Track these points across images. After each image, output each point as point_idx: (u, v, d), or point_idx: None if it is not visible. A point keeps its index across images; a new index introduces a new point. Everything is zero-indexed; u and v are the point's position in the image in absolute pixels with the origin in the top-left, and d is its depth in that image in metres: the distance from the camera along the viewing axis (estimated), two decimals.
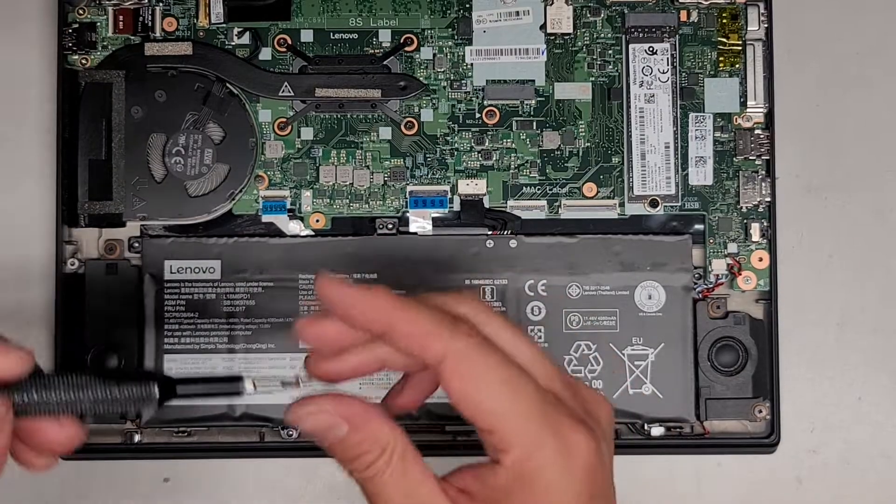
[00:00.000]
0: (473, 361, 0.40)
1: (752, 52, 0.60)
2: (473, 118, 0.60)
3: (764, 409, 0.59)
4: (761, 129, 0.59)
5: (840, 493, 0.61)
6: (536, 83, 0.60)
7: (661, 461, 0.60)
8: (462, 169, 0.59)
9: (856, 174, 0.61)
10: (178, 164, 0.59)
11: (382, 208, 0.59)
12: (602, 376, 0.58)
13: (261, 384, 0.42)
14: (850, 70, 0.62)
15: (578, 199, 0.59)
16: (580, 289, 0.59)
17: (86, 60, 0.59)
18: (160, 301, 0.58)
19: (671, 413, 0.58)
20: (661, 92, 0.60)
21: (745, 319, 0.59)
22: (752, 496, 0.61)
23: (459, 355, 0.39)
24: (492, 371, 0.40)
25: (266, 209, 0.59)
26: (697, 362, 0.59)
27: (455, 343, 0.39)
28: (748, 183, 0.59)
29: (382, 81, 0.59)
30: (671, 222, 0.59)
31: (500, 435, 0.40)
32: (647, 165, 0.59)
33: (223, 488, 0.60)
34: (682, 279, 0.59)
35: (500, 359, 0.40)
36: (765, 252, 0.59)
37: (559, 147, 0.60)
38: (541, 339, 0.58)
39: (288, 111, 0.59)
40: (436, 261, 0.58)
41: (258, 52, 0.59)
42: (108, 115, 0.59)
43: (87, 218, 0.59)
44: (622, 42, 0.60)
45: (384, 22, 0.60)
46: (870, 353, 0.61)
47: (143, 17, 0.59)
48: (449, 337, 0.40)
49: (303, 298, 0.58)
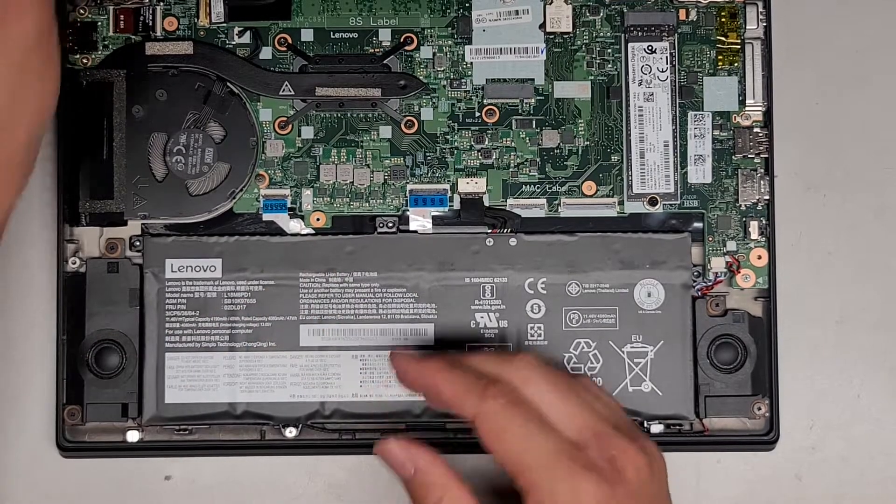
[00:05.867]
0: (499, 420, 0.48)
1: (750, 50, 0.60)
2: (473, 117, 0.60)
3: (763, 406, 0.59)
4: (760, 127, 0.60)
5: (839, 491, 0.61)
6: (536, 82, 0.60)
7: None
8: (462, 167, 0.60)
9: (855, 172, 0.62)
10: (178, 163, 0.59)
11: (383, 207, 0.59)
12: (601, 374, 0.58)
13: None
14: (849, 68, 0.62)
15: (578, 197, 0.60)
16: (580, 287, 0.59)
17: (87, 60, 0.59)
18: (161, 299, 0.58)
19: (670, 410, 0.58)
20: (661, 90, 0.60)
21: (745, 317, 0.59)
22: (751, 493, 0.61)
23: (487, 415, 0.48)
24: (514, 428, 0.48)
25: (267, 208, 0.59)
26: (697, 360, 0.59)
27: (483, 405, 0.48)
28: (747, 181, 0.59)
29: (382, 80, 0.60)
30: (670, 220, 0.60)
31: (522, 480, 0.48)
32: (647, 164, 0.60)
33: (224, 486, 0.60)
34: (681, 277, 0.59)
35: (523, 417, 0.48)
36: (764, 250, 0.59)
37: (559, 145, 0.60)
38: (540, 336, 0.58)
39: (288, 110, 0.60)
40: (436, 259, 0.59)
41: (258, 51, 0.60)
42: (109, 115, 0.59)
43: (88, 217, 0.59)
44: (621, 41, 0.60)
45: (384, 21, 0.60)
46: (869, 350, 0.61)
47: (144, 16, 0.60)
48: (478, 399, 0.48)
49: (303, 297, 0.58)
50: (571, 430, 0.49)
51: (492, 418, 0.48)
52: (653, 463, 0.50)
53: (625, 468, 0.48)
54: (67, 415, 0.58)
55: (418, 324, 0.58)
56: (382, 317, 0.58)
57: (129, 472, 0.60)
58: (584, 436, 0.49)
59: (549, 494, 0.47)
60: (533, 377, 0.50)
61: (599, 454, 0.48)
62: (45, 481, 0.60)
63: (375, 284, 0.59)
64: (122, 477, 0.60)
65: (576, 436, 0.49)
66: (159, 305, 0.58)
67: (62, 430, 0.58)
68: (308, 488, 0.60)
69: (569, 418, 0.49)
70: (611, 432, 0.49)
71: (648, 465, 0.49)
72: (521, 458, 0.48)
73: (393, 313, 0.58)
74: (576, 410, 0.49)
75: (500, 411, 0.48)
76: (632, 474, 0.48)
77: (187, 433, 0.59)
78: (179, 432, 0.58)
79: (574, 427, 0.49)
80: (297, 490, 0.60)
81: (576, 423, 0.49)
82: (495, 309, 0.59)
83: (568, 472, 0.47)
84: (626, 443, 0.49)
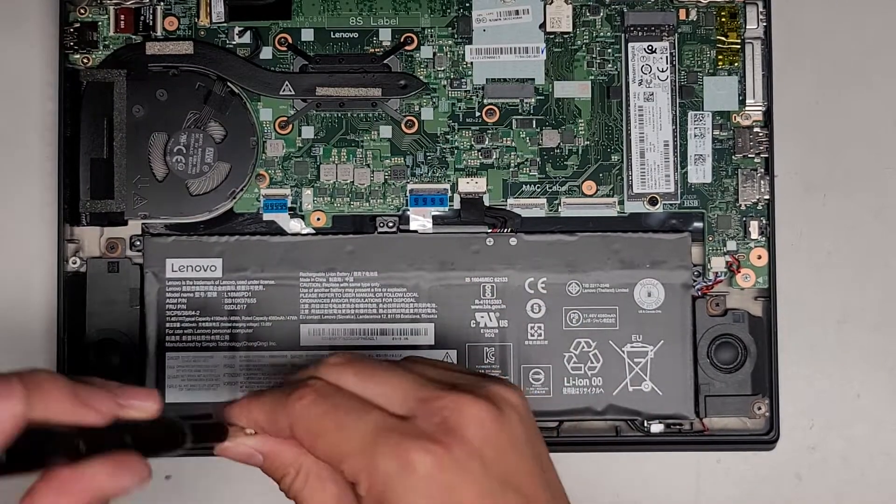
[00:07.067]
0: (309, 417, 0.44)
1: (750, 50, 0.60)
2: (473, 117, 0.60)
3: (763, 406, 0.59)
4: (760, 127, 0.60)
5: (839, 490, 0.61)
6: (536, 82, 0.60)
7: (661, 458, 0.61)
8: (462, 167, 0.60)
9: (855, 172, 0.62)
10: (179, 163, 0.59)
11: (383, 206, 0.60)
12: (602, 373, 0.58)
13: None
14: (848, 68, 0.62)
15: (578, 197, 0.60)
16: (580, 286, 0.59)
17: (87, 59, 0.59)
18: (162, 299, 0.58)
19: (671, 410, 0.58)
20: (661, 90, 0.60)
21: (744, 317, 0.59)
22: (751, 493, 0.61)
23: (298, 418, 0.44)
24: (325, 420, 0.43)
25: (267, 207, 0.59)
26: (697, 359, 0.59)
27: (292, 410, 0.44)
28: (747, 181, 0.59)
29: (383, 80, 0.60)
30: (670, 220, 0.60)
31: (347, 471, 0.43)
32: (647, 163, 0.60)
33: (224, 486, 0.60)
34: (681, 277, 0.59)
35: (333, 407, 0.44)
36: (763, 250, 0.59)
37: (559, 145, 0.60)
38: (541, 336, 0.58)
39: (289, 110, 0.60)
40: (436, 259, 0.59)
41: (259, 51, 0.60)
42: (110, 114, 0.59)
43: (88, 216, 0.59)
44: (621, 41, 0.60)
45: (384, 21, 0.60)
46: (869, 350, 0.61)
47: (144, 16, 0.60)
48: (285, 407, 0.44)
49: (303, 297, 0.58)
50: (394, 404, 0.44)
51: (303, 419, 0.44)
52: (502, 411, 0.44)
53: (461, 426, 0.43)
54: None
55: (418, 323, 0.58)
56: (382, 316, 0.58)
57: None
58: (409, 405, 0.44)
59: (377, 475, 0.42)
60: (346, 367, 0.45)
61: (428, 420, 0.43)
62: None
63: (376, 284, 0.59)
64: None
65: (399, 408, 0.44)
66: (160, 305, 0.58)
67: None
68: None
69: (390, 392, 0.44)
70: (439, 394, 0.44)
71: (494, 415, 0.43)
72: (338, 448, 0.43)
73: (393, 313, 0.58)
74: (396, 382, 0.44)
75: (309, 407, 0.44)
76: (472, 431, 0.43)
77: None
78: None
79: (397, 400, 0.44)
80: None
81: (398, 396, 0.44)
82: (495, 309, 0.59)
83: (391, 447, 0.42)
84: (460, 398, 0.43)
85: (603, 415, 0.58)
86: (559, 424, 0.59)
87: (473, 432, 0.43)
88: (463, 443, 0.42)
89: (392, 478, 0.42)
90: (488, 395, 0.44)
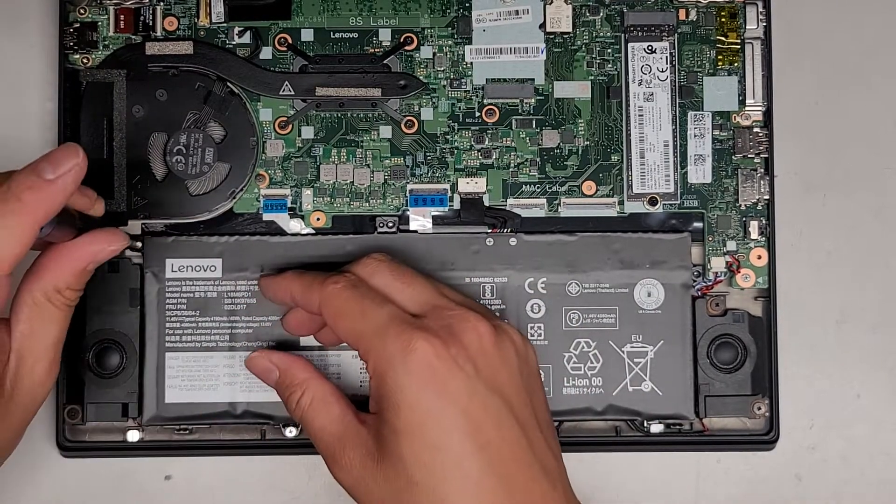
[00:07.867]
0: (339, 300, 0.52)
1: (750, 50, 0.60)
2: (473, 117, 0.60)
3: (763, 406, 0.59)
4: (760, 127, 0.60)
5: (839, 491, 0.61)
6: (536, 82, 0.60)
7: (661, 458, 0.61)
8: (462, 167, 0.60)
9: (854, 172, 0.62)
10: (179, 163, 0.59)
11: (383, 207, 0.60)
12: (601, 373, 0.58)
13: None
14: (848, 68, 0.62)
15: (578, 197, 0.60)
16: (580, 286, 0.59)
17: (87, 60, 0.59)
18: (161, 299, 0.58)
19: (670, 410, 0.58)
20: (660, 90, 0.60)
21: (744, 317, 0.59)
22: (751, 493, 0.61)
23: (329, 298, 0.52)
24: (352, 304, 0.51)
25: (267, 208, 0.59)
26: (696, 360, 0.59)
27: (324, 291, 0.52)
28: (747, 181, 0.59)
29: (382, 80, 0.60)
30: (670, 220, 0.60)
31: (360, 349, 0.51)
32: (647, 163, 0.60)
33: (224, 486, 0.60)
34: (681, 277, 0.59)
35: (361, 295, 0.51)
36: (763, 250, 0.59)
37: (559, 145, 0.60)
38: (541, 336, 0.58)
39: (288, 110, 0.60)
40: (436, 259, 0.59)
41: (259, 51, 0.60)
42: (110, 115, 0.59)
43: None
44: (621, 41, 0.60)
45: (384, 21, 0.60)
46: (869, 350, 0.61)
47: (144, 16, 0.60)
48: (320, 287, 0.52)
49: None
50: (413, 305, 0.52)
51: (332, 300, 0.52)
52: (501, 338, 0.51)
53: (461, 332, 0.50)
54: (68, 414, 0.58)
55: None
56: None
57: (129, 472, 0.60)
58: (424, 308, 0.52)
59: (383, 354, 0.49)
60: (379, 269, 0.53)
61: (435, 321, 0.51)
62: (45, 481, 0.60)
63: None
64: (122, 477, 0.60)
65: (415, 308, 0.52)
66: (159, 305, 0.58)
67: (62, 429, 0.58)
68: (308, 488, 0.60)
69: (413, 294, 0.52)
70: (451, 305, 0.52)
71: (493, 336, 0.51)
72: (357, 328, 0.51)
73: None
74: (418, 290, 0.52)
75: (340, 292, 0.52)
76: (469, 338, 0.50)
77: (187, 433, 0.59)
78: (179, 432, 0.59)
79: (416, 302, 0.52)
80: (297, 490, 0.60)
81: (418, 299, 0.52)
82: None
83: (399, 333, 0.49)
84: (468, 313, 0.51)
85: (603, 415, 0.58)
86: (559, 424, 0.59)
87: (470, 340, 0.50)
88: (461, 346, 0.50)
89: (394, 357, 0.49)
90: (494, 323, 0.51)
